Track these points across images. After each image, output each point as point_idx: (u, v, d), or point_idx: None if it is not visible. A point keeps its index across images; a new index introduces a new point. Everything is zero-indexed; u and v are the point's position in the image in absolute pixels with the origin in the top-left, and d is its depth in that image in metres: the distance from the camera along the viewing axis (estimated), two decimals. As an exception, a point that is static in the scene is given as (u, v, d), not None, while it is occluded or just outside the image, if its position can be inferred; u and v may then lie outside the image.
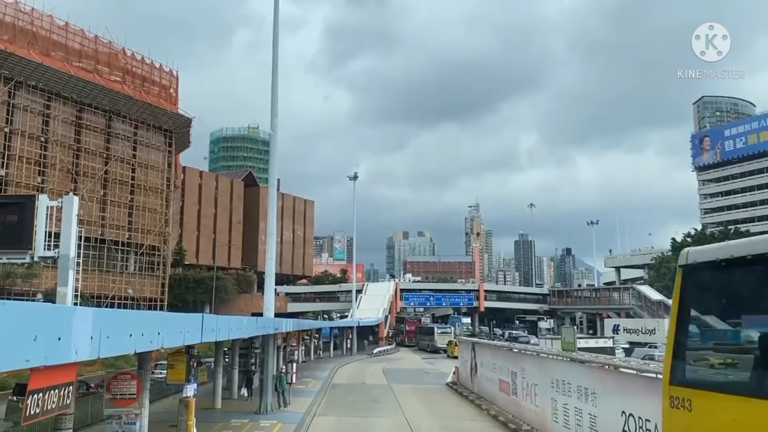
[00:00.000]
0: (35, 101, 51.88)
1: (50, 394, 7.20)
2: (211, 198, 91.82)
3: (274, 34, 28.45)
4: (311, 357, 56.54)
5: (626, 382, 13.62)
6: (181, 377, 17.81)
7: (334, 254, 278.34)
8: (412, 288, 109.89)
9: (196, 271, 75.81)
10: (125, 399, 13.46)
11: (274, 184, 30.29)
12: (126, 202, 59.88)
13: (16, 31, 51.34)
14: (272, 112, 28.40)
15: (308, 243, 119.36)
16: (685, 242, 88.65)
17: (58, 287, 20.05)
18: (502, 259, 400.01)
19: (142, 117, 61.36)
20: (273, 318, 28.07)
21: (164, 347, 11.93)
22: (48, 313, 6.88)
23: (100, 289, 53.38)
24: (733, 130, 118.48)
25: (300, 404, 27.08)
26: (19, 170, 50.01)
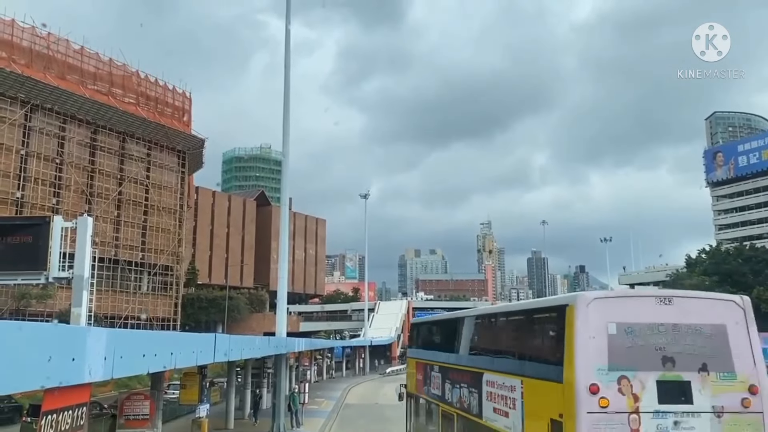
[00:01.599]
0: (51, 124, 52.57)
1: (64, 415, 7.20)
2: (224, 218, 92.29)
3: (286, 66, 28.72)
4: (323, 377, 56.29)
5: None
6: (193, 397, 17.80)
7: (345, 273, 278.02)
8: (425, 306, 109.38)
9: (209, 291, 75.97)
10: (138, 420, 13.45)
11: (286, 210, 30.41)
12: (139, 222, 60.27)
13: (33, 56, 52.21)
14: (284, 140, 28.54)
15: (320, 262, 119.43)
16: (699, 258, 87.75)
17: (72, 308, 20.17)
18: (515, 276, 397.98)
19: (156, 138, 61.96)
20: (285, 337, 28.02)
21: (177, 367, 11.93)
22: (62, 334, 6.91)
23: (113, 309, 53.56)
24: (746, 146, 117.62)
25: (313, 425, 26.92)
26: (34, 192, 50.54)
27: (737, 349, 7.79)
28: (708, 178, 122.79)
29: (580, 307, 7.84)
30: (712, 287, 77.00)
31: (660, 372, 7.58)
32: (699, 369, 7.65)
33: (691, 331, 7.82)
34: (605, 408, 7.35)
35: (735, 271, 78.66)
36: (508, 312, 11.92)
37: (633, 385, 7.48)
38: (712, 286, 77.16)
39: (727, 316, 8.05)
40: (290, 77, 28.59)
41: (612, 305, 8.17)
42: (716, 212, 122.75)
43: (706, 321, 7.94)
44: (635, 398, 7.44)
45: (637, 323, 7.79)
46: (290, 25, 29.19)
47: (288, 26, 29.09)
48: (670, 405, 7.49)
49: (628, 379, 7.49)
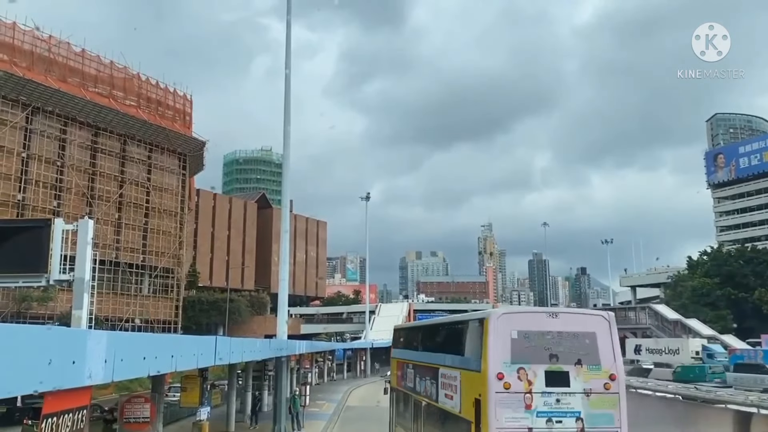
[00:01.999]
0: (52, 126, 52.61)
1: (64, 418, 7.19)
2: (225, 220, 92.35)
3: (287, 72, 28.73)
4: (324, 379, 56.24)
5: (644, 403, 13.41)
6: (194, 400, 17.77)
7: (346, 275, 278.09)
8: (426, 309, 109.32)
9: (210, 293, 75.98)
10: (139, 423, 13.43)
11: (287, 212, 30.38)
12: (140, 224, 60.29)
13: (34, 58, 52.28)
14: (285, 143, 28.52)
15: (321, 264, 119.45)
16: (701, 260, 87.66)
17: (73, 310, 20.16)
18: (516, 278, 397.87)
19: (157, 140, 62.00)
20: (286, 340, 27.99)
21: (177, 370, 11.92)
22: (62, 337, 6.90)
23: (114, 312, 53.55)
24: (747, 147, 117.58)
25: (314, 427, 26.90)
26: (35, 194, 50.56)
27: (603, 349, 10.64)
28: (709, 179, 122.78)
29: (492, 320, 10.76)
30: (714, 289, 77.07)
31: (547, 365, 10.40)
32: (575, 363, 10.48)
33: (570, 336, 10.69)
34: (508, 389, 10.20)
35: (736, 272, 78.60)
36: (450, 323, 16.10)
37: (528, 374, 10.29)
38: (714, 288, 77.22)
39: (596, 326, 10.91)
40: (291, 79, 28.60)
41: (514, 318, 11.27)
42: (717, 214, 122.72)
43: (581, 329, 10.88)
44: (529, 383, 10.26)
45: (532, 331, 10.69)
46: (290, 28, 29.21)
47: (288, 29, 29.12)
48: (554, 387, 10.28)
49: (525, 369, 10.31)
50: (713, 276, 79.71)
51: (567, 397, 10.29)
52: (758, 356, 45.12)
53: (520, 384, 10.25)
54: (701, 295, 77.67)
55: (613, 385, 10.44)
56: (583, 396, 10.32)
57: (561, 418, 10.21)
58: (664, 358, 50.95)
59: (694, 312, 74.93)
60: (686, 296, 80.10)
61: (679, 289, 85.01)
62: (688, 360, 48.41)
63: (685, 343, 52.89)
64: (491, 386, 10.23)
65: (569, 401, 10.28)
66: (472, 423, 10.68)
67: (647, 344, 56.58)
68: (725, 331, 67.58)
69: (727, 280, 78.05)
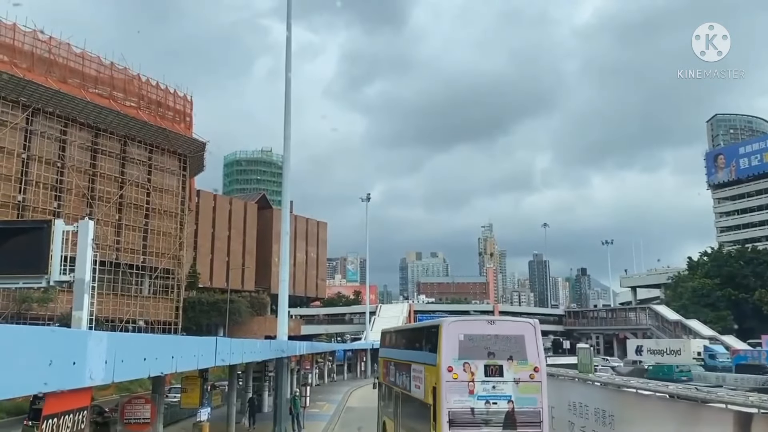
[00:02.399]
0: (52, 127, 52.65)
1: (65, 419, 7.19)
2: (225, 221, 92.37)
3: (287, 72, 28.74)
4: (325, 380, 56.20)
5: (644, 404, 13.40)
6: (194, 401, 17.74)
7: (347, 275, 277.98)
8: (426, 309, 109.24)
9: (210, 294, 76.00)
10: (139, 423, 13.41)
11: (287, 213, 30.38)
12: (141, 225, 60.31)
13: (35, 59, 52.34)
14: (285, 144, 28.51)
15: (321, 265, 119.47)
16: (701, 261, 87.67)
17: (74, 311, 20.15)
18: (517, 279, 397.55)
19: (157, 141, 62.02)
20: (287, 341, 27.98)
21: (178, 371, 11.92)
22: (63, 338, 6.90)
23: (114, 313, 53.58)
24: (747, 148, 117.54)
25: (314, 428, 26.89)
26: (35, 195, 50.60)
27: (529, 348, 13.42)
28: (709, 180, 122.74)
29: (445, 326, 13.65)
30: (714, 290, 77.09)
31: (486, 360, 13.11)
32: (507, 358, 13.17)
33: (504, 338, 13.45)
34: (456, 379, 12.96)
35: (737, 273, 78.58)
36: (417, 328, 19.69)
37: (471, 367, 13.01)
38: (714, 289, 77.24)
39: (524, 331, 13.69)
40: (291, 80, 28.60)
41: (461, 325, 14.19)
42: (718, 215, 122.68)
43: (512, 333, 13.65)
44: (472, 374, 12.97)
45: (474, 334, 13.50)
46: (290, 29, 29.23)
47: (288, 30, 29.12)
48: (491, 377, 13.02)
49: (469, 363, 13.03)
50: (713, 277, 79.70)
51: (501, 384, 13.13)
52: (762, 357, 45.18)
53: (465, 375, 13.14)
54: (701, 295, 77.66)
55: (536, 376, 13.26)
56: (513, 384, 13.14)
57: (496, 401, 13.04)
58: (665, 359, 50.91)
59: (694, 313, 74.94)
60: (686, 297, 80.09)
61: (679, 289, 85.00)
62: (690, 361, 48.38)
63: (686, 343, 52.88)
64: (443, 377, 13.06)
65: (502, 388, 13.12)
66: (431, 406, 13.51)
67: (649, 345, 56.57)
68: (726, 332, 67.61)
69: (728, 280, 78.05)
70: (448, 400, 12.98)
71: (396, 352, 19.59)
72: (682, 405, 11.96)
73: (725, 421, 10.53)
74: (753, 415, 10.02)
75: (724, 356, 50.91)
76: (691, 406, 11.64)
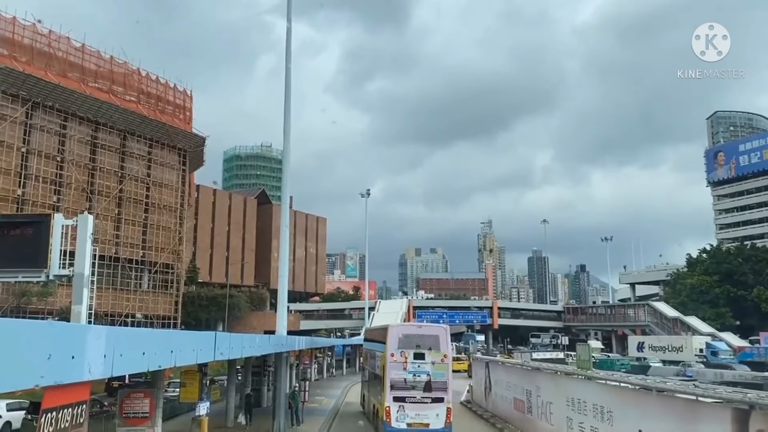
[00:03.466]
0: (52, 121, 52.57)
1: (64, 412, 7.19)
2: (225, 216, 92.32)
3: (287, 62, 28.68)
4: (324, 375, 56.28)
5: (643, 400, 13.42)
6: (193, 396, 17.78)
7: (346, 271, 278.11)
8: (425, 305, 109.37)
9: (210, 289, 76.01)
10: (138, 418, 13.43)
11: (286, 208, 30.38)
12: (140, 220, 60.28)
13: (34, 53, 52.21)
14: (285, 139, 28.50)
15: (320, 260, 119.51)
16: (700, 258, 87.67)
17: (73, 305, 20.14)
18: (516, 276, 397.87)
19: (157, 136, 61.93)
20: (286, 336, 27.99)
21: (177, 366, 11.92)
22: (62, 332, 6.89)
23: (113, 307, 53.61)
24: (747, 145, 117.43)
25: (313, 423, 26.93)
26: (35, 189, 50.55)
27: (441, 343, 21.59)
28: (709, 177, 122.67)
29: (390, 328, 22.60)
30: (713, 287, 77.13)
31: (414, 350, 21.23)
32: (428, 349, 21.29)
33: (426, 337, 21.82)
34: (396, 360, 21.13)
35: (735, 270, 78.62)
36: (378, 328, 29.49)
37: (405, 354, 21.18)
38: (713, 286, 77.29)
39: (439, 332, 22.26)
40: (292, 75, 28.55)
41: (401, 328, 24.61)
42: (717, 212, 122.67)
43: (432, 334, 22.16)
44: (406, 358, 21.09)
45: (409, 334, 22.28)
46: (290, 21, 29.16)
47: (288, 22, 29.06)
48: (417, 360, 21.11)
49: (404, 351, 21.21)
50: (712, 274, 79.73)
51: (423, 365, 21.36)
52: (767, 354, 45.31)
53: (401, 358, 21.44)
54: (700, 292, 77.73)
55: (445, 360, 21.61)
56: (431, 365, 21.35)
57: (420, 375, 21.29)
58: (667, 355, 50.86)
59: (693, 309, 75.01)
60: (685, 294, 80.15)
61: (678, 286, 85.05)
62: (692, 358, 48.33)
63: (688, 340, 52.76)
64: (389, 359, 21.49)
65: (424, 367, 21.35)
66: (382, 377, 22.07)
67: (650, 341, 56.47)
68: (724, 329, 67.66)
69: (727, 277, 78.09)
70: (391, 373, 21.49)
71: (368, 344, 30.54)
72: (680, 401, 11.98)
73: (723, 418, 10.55)
74: (751, 412, 10.04)
75: (727, 353, 50.88)
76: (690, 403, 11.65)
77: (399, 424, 21.26)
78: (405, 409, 21.41)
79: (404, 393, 21.30)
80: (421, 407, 21.31)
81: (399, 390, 21.22)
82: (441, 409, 21.26)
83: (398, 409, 21.30)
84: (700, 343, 51.87)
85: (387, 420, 21.44)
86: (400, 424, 21.25)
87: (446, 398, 21.30)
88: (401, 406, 21.31)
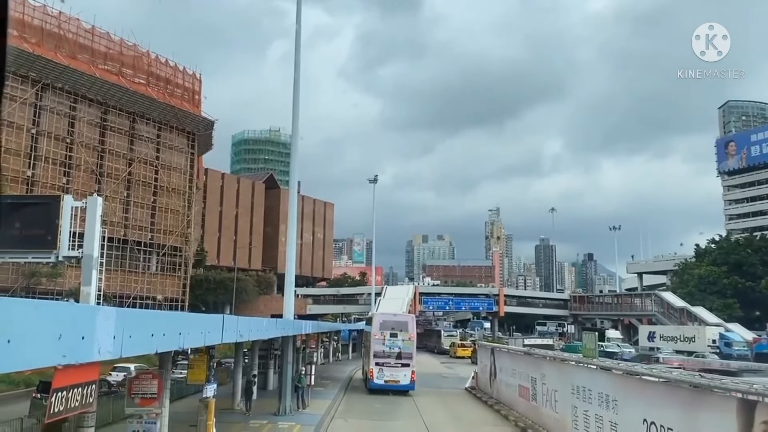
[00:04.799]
0: (61, 103, 52.67)
1: (74, 392, 7.29)
2: (233, 200, 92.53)
3: (296, 51, 28.57)
4: (330, 359, 56.63)
5: (649, 389, 13.43)
6: (201, 377, 17.91)
7: (353, 257, 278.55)
8: (431, 292, 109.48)
9: (217, 272, 76.39)
10: (146, 398, 13.56)
11: (294, 193, 30.41)
12: (149, 203, 60.52)
13: (44, 34, 52.20)
14: (293, 124, 28.46)
15: (328, 245, 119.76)
16: (709, 248, 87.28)
17: (82, 287, 20.31)
18: (523, 264, 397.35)
19: (166, 119, 61.99)
20: (293, 320, 28.15)
21: (185, 348, 12.02)
22: (72, 313, 6.96)
23: (122, 289, 53.98)
24: (759, 135, 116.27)
25: (319, 406, 27.14)
26: (45, 171, 50.78)
27: (409, 327, 34.27)
28: (719, 167, 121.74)
29: (375, 315, 39.57)
30: (721, 277, 76.84)
31: (390, 331, 33.38)
32: (400, 331, 33.47)
33: (399, 322, 34.70)
34: (377, 338, 33.28)
35: (744, 261, 78.25)
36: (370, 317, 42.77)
37: (385, 334, 33.11)
38: (721, 276, 76.98)
39: (408, 319, 36.36)
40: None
41: (383, 315, 39.30)
42: (727, 202, 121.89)
43: (403, 320, 35.68)
44: (384, 336, 33.02)
45: (387, 320, 35.30)
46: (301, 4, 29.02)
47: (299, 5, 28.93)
48: (392, 338, 32.99)
49: (384, 332, 33.28)
50: (721, 264, 79.39)
51: (396, 341, 32.62)
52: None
53: (382, 337, 32.81)
54: (708, 283, 77.47)
55: (411, 338, 33.31)
56: (401, 341, 32.65)
57: (393, 348, 32.43)
58: (678, 345, 50.53)
59: (700, 300, 74.81)
60: (693, 284, 79.90)
61: (685, 276, 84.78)
62: (704, 348, 47.95)
63: (701, 330, 52.30)
64: (374, 336, 33.26)
65: (397, 342, 32.62)
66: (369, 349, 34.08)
67: (662, 331, 56.09)
68: (732, 320, 67.49)
69: (735, 268, 77.75)
70: (375, 346, 32.65)
71: (366, 326, 43.33)
72: (685, 391, 11.99)
73: (728, 408, 10.55)
74: (757, 403, 10.03)
75: (741, 344, 50.54)
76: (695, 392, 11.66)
77: (379, 380, 31.99)
78: (383, 370, 32.02)
79: (383, 360, 32.31)
80: (394, 370, 32.13)
81: (379, 357, 32.41)
82: (407, 371, 32.33)
83: (379, 370, 32.09)
84: (713, 334, 51.34)
85: (371, 378, 32.34)
86: (379, 381, 31.97)
87: (411, 364, 32.54)
88: (381, 368, 32.08)
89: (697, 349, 47.81)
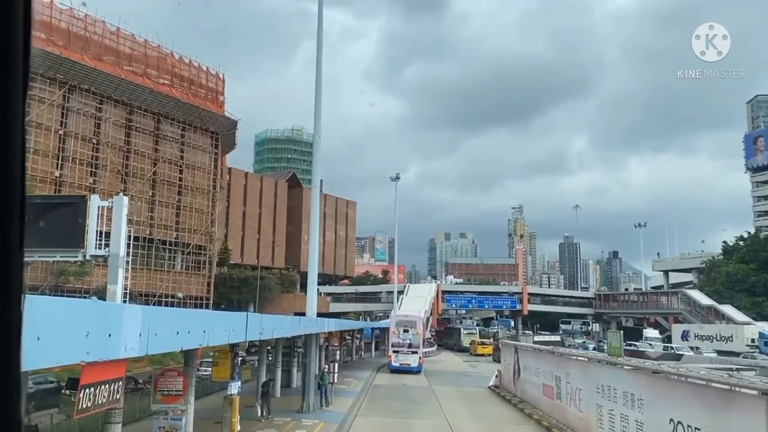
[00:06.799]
0: (88, 104, 53.49)
1: (101, 388, 7.41)
2: (256, 199, 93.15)
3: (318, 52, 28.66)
4: (353, 357, 56.74)
5: (675, 388, 13.25)
6: (225, 375, 18.08)
7: (375, 255, 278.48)
8: (454, 290, 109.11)
9: (241, 271, 76.99)
10: (172, 395, 13.74)
11: (317, 192, 30.53)
12: (173, 202, 61.19)
13: (71, 37, 53.05)
14: (315, 123, 28.57)
15: (350, 243, 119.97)
16: (737, 245, 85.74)
17: (108, 285, 20.61)
18: (546, 261, 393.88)
19: (190, 119, 62.62)
20: (315, 318, 28.28)
21: (209, 345, 12.14)
22: (99, 311, 7.07)
23: (148, 287, 54.64)
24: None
25: (342, 404, 27.22)
26: (72, 171, 51.63)
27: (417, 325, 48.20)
28: (748, 163, 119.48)
29: (392, 316, 54.33)
30: (750, 275, 75.45)
31: (404, 327, 46.96)
32: (411, 327, 47.09)
33: (410, 320, 48.71)
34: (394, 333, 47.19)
35: (774, 259, 76.67)
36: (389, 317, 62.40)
37: (399, 330, 46.84)
38: (750, 274, 75.59)
39: (417, 318, 50.60)
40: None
41: (398, 316, 51.48)
42: (755, 198, 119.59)
43: (413, 319, 49.42)
44: (399, 331, 46.82)
45: (401, 319, 49.10)
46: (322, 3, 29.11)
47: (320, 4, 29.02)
48: (404, 333, 46.54)
49: (399, 328, 47.00)
50: (749, 262, 77.92)
51: (407, 335, 46.22)
52: None
53: (397, 332, 46.65)
54: (736, 281, 76.08)
55: (419, 333, 47.33)
56: (411, 335, 46.35)
57: (406, 340, 46.06)
58: (714, 344, 49.23)
59: (728, 298, 73.49)
60: (720, 282, 78.52)
61: (713, 274, 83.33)
62: (743, 348, 46.69)
63: (739, 329, 50.72)
64: (391, 332, 47.94)
65: (408, 336, 46.19)
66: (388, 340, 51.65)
67: (697, 330, 54.65)
68: (761, 318, 66.19)
69: (765, 266, 76.23)
70: (392, 339, 47.20)
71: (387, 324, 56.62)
72: (713, 390, 11.80)
73: (758, 408, 10.37)
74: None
75: None
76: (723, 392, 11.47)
77: (396, 363, 44.70)
78: (399, 356, 44.99)
79: (398, 348, 45.55)
80: (406, 356, 44.85)
81: (396, 347, 45.79)
82: (416, 357, 45.15)
83: (396, 356, 45.15)
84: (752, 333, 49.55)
85: (390, 361, 45.80)
86: (396, 364, 44.65)
87: (419, 351, 46.08)
88: (397, 355, 45.19)
89: (734, 348, 46.62)
